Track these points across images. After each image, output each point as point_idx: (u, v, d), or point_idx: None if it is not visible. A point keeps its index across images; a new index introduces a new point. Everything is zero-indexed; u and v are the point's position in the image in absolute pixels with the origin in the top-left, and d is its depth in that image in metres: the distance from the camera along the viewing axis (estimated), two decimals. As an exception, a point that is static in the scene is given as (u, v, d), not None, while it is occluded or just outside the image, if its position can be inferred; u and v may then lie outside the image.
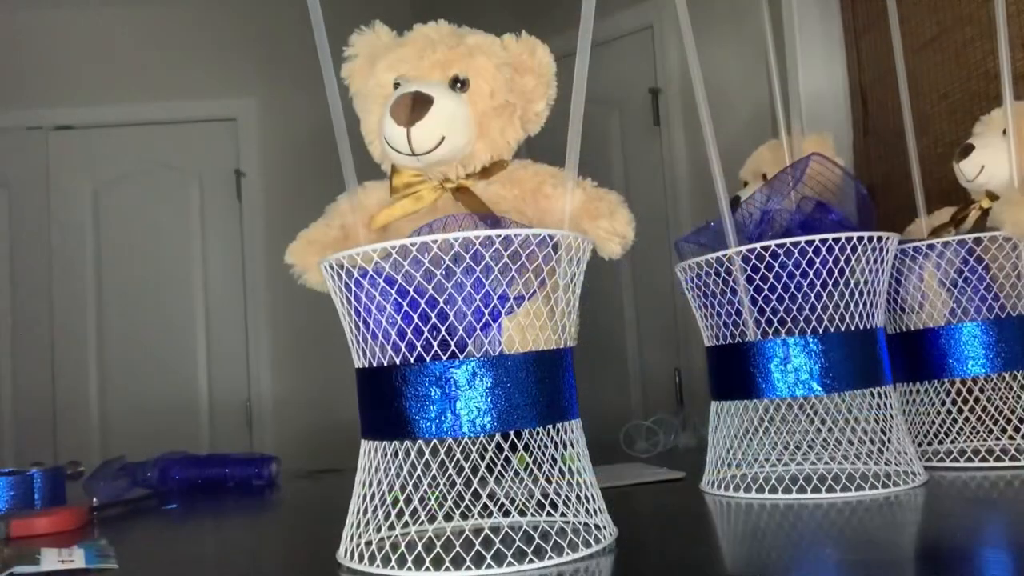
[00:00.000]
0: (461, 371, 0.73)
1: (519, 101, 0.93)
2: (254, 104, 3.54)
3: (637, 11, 2.94)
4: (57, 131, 3.49)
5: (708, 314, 1.06)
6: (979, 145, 1.20)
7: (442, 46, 0.90)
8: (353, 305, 0.79)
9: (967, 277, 1.11)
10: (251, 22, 3.44)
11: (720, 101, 2.27)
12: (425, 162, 0.88)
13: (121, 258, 3.45)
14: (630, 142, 3.05)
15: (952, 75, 1.78)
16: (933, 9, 1.83)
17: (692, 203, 2.83)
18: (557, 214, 0.87)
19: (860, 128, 2.19)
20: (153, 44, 3.47)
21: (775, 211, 1.11)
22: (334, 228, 0.93)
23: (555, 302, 0.80)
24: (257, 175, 3.53)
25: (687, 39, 1.05)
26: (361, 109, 0.96)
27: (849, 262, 0.98)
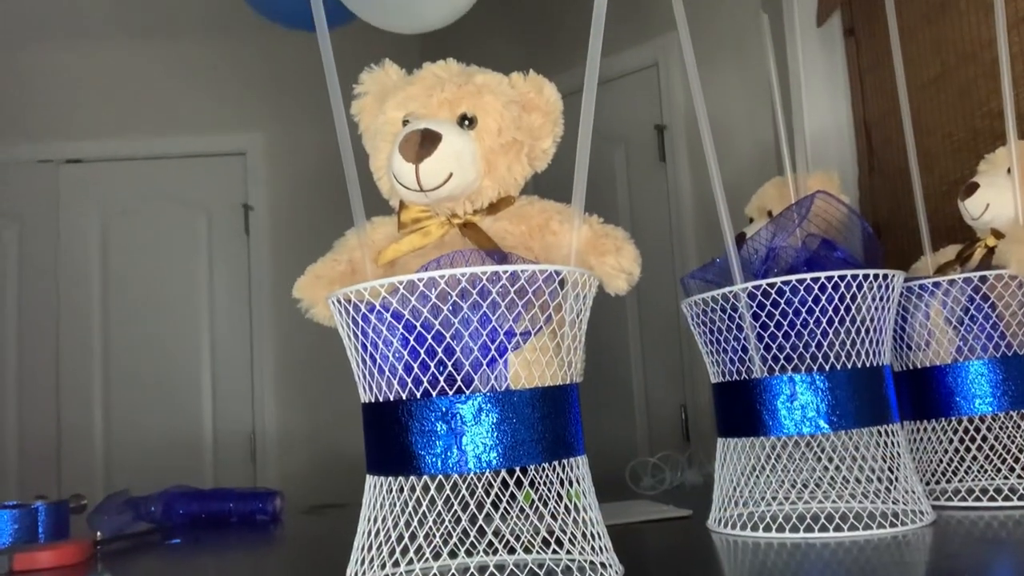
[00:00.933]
0: (467, 406, 0.74)
1: (526, 138, 0.94)
2: (263, 139, 3.57)
3: (642, 49, 2.97)
4: (67, 164, 3.52)
5: (714, 350, 1.06)
6: (984, 183, 1.20)
7: (450, 84, 0.92)
8: (360, 340, 0.79)
9: (973, 315, 1.11)
10: (260, 57, 3.47)
11: (725, 138, 2.29)
12: (433, 198, 0.89)
13: (128, 291, 3.47)
14: (636, 178, 3.06)
15: (956, 113, 1.79)
16: (937, 48, 1.84)
17: (698, 239, 2.83)
18: (563, 250, 0.88)
19: (865, 165, 2.20)
20: (163, 79, 3.51)
21: (781, 248, 1.12)
22: (342, 263, 0.94)
23: (561, 338, 0.81)
24: (265, 209, 3.55)
25: (692, 77, 1.06)
26: (370, 146, 0.97)
27: (855, 299, 0.98)
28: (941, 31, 1.82)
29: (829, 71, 2.25)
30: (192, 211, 3.56)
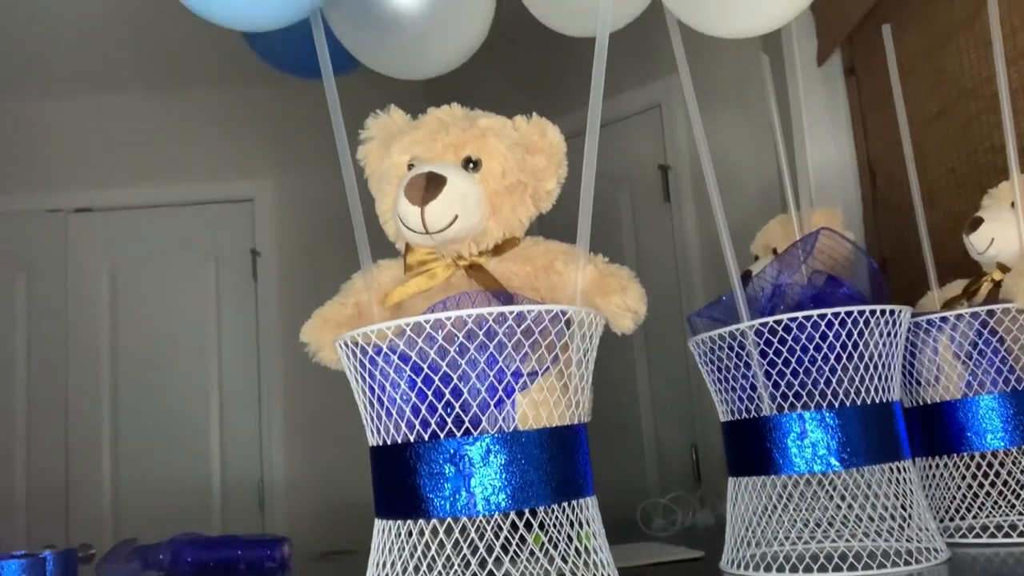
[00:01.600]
0: (475, 448, 0.73)
1: (530, 180, 0.94)
2: (270, 185, 3.60)
3: (645, 91, 3.00)
4: (76, 213, 3.55)
5: (723, 388, 1.06)
6: (988, 218, 1.21)
7: (455, 128, 0.93)
8: (367, 382, 0.79)
9: (982, 349, 1.11)
10: (268, 105, 3.51)
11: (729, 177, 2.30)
12: (439, 240, 0.89)
13: (136, 339, 3.47)
14: (641, 218, 3.07)
15: (959, 149, 1.80)
16: (937, 84, 1.86)
17: (704, 278, 2.83)
18: (569, 290, 0.88)
19: (869, 202, 2.20)
20: (171, 127, 3.54)
21: (787, 285, 1.12)
22: (349, 306, 0.94)
23: (568, 378, 0.81)
24: (273, 255, 3.57)
25: (694, 118, 1.07)
26: (376, 190, 0.98)
27: (863, 335, 0.98)
28: (941, 67, 1.84)
29: (831, 109, 2.26)
30: (200, 257, 3.58)
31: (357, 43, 1.22)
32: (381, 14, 1.15)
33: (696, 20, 1.15)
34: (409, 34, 1.17)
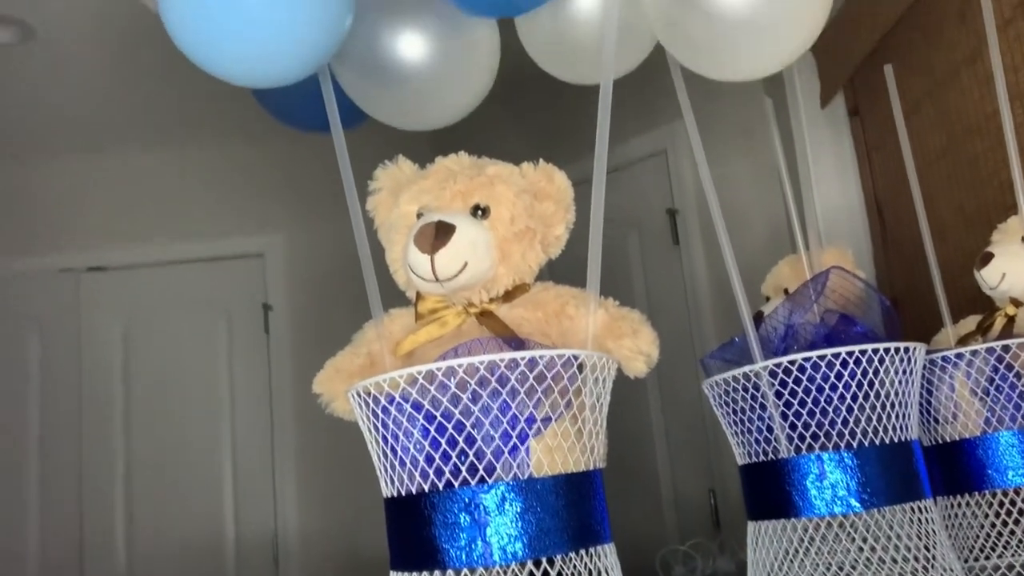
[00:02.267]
0: (490, 496, 0.73)
1: (539, 226, 0.95)
2: (281, 239, 3.62)
3: (651, 136, 3.02)
4: (89, 272, 3.57)
5: (739, 431, 1.05)
6: (998, 253, 1.20)
7: (463, 176, 0.93)
8: (381, 432, 0.79)
9: (999, 385, 1.10)
10: (277, 159, 3.55)
11: (738, 219, 2.30)
12: (449, 288, 0.90)
13: (149, 395, 3.47)
14: (650, 262, 3.07)
15: (966, 186, 1.80)
16: (942, 123, 1.87)
17: (716, 320, 2.82)
18: (580, 334, 0.88)
19: (879, 241, 2.20)
20: (182, 184, 3.58)
21: (799, 325, 1.11)
22: (361, 356, 0.94)
23: (582, 423, 0.80)
24: (284, 308, 3.58)
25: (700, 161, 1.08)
26: (386, 239, 0.98)
27: (878, 374, 0.98)
28: (945, 106, 1.85)
29: (836, 150, 2.27)
30: (212, 313, 3.59)
31: (364, 97, 1.23)
32: (388, 68, 1.16)
33: (698, 65, 1.17)
34: (415, 87, 1.19)
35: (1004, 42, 1.55)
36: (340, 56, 1.13)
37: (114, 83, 2.81)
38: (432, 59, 1.16)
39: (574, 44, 1.18)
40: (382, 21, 1.15)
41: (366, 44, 1.15)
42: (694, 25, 1.10)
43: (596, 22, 1.12)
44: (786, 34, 1.09)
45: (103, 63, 2.63)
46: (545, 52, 1.26)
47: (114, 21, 2.30)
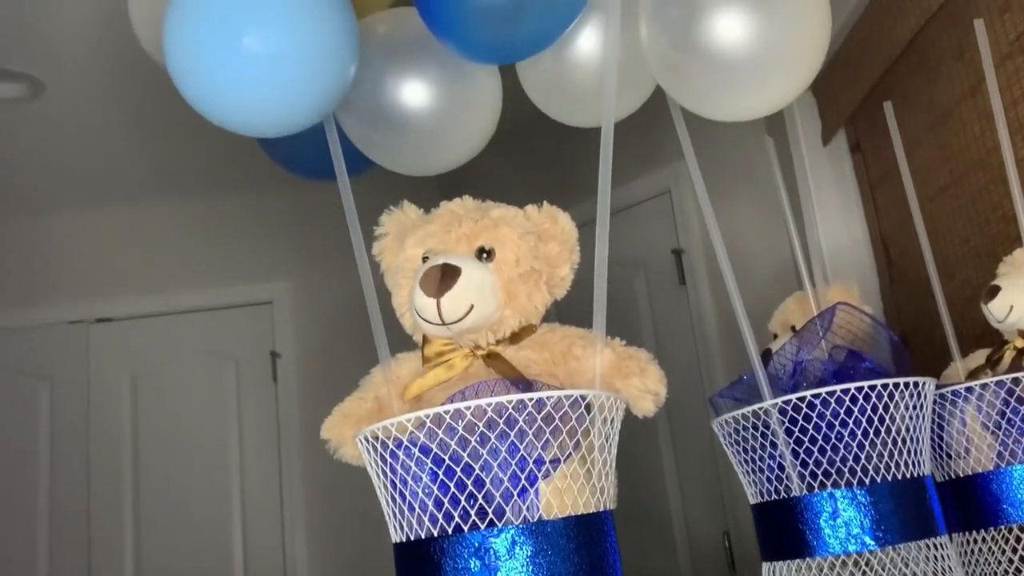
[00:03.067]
0: (500, 540, 0.72)
1: (544, 267, 0.95)
2: (289, 287, 3.63)
3: (654, 177, 3.04)
4: (97, 324, 3.59)
5: (750, 470, 1.04)
6: (1005, 285, 1.20)
7: (467, 220, 0.94)
8: (389, 477, 0.78)
9: (1010, 418, 1.09)
10: (284, 208, 3.57)
11: (743, 257, 2.31)
12: (455, 331, 0.90)
13: (158, 445, 3.46)
14: (657, 302, 3.07)
15: (971, 220, 1.80)
16: (944, 158, 1.87)
17: (724, 358, 2.81)
18: (588, 374, 0.88)
19: (886, 277, 2.20)
20: (189, 234, 3.60)
21: (807, 361, 1.11)
22: (368, 400, 0.94)
23: (591, 463, 0.80)
24: (292, 355, 3.58)
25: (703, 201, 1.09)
26: (392, 284, 0.99)
27: (888, 409, 0.97)
28: (946, 141, 1.86)
29: (839, 187, 2.28)
30: (220, 361, 3.59)
31: (369, 144, 1.25)
32: (392, 115, 1.18)
33: (697, 106, 1.18)
34: (419, 133, 1.20)
35: (1003, 77, 1.56)
36: (345, 104, 1.14)
37: (122, 136, 2.84)
38: (435, 106, 1.18)
39: (575, 88, 1.20)
40: (385, 69, 1.17)
41: (370, 92, 1.16)
42: (692, 68, 1.11)
43: (596, 66, 1.13)
44: (784, 75, 1.10)
45: (112, 117, 2.67)
46: (547, 96, 1.28)
47: (123, 76, 2.33)
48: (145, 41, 1.17)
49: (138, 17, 1.16)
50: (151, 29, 1.11)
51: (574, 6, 1.08)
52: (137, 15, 1.16)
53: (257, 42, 0.90)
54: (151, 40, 1.14)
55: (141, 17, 1.16)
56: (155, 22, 0.99)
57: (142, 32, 1.17)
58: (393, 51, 1.18)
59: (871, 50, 2.01)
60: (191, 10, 0.91)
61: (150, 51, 1.16)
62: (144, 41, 1.18)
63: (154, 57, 1.14)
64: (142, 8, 1.15)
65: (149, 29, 1.13)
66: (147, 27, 1.14)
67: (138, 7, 1.15)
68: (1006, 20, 1.59)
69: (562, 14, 1.08)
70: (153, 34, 1.09)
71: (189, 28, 0.91)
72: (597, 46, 1.14)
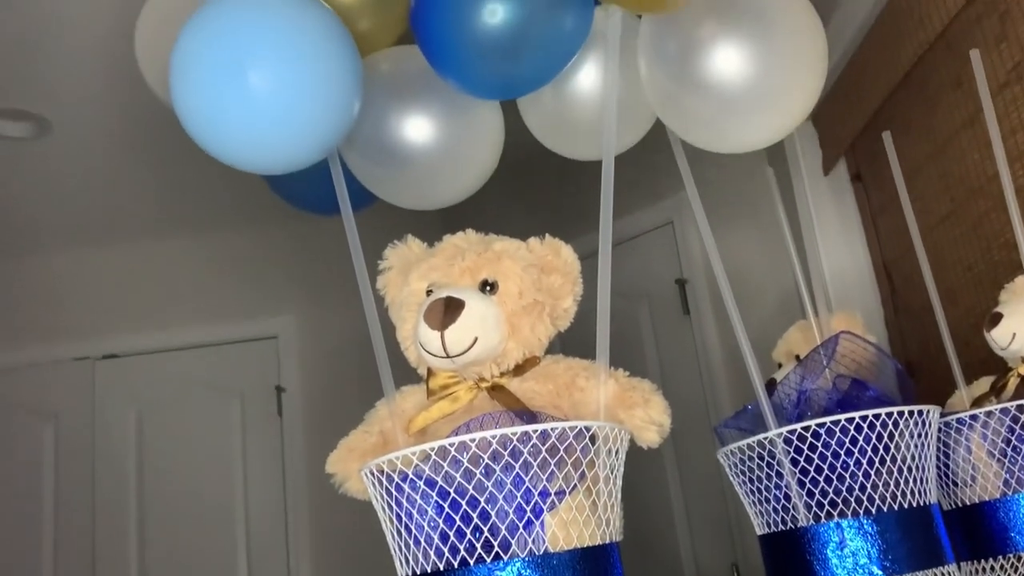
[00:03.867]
0: (506, 573, 0.72)
1: (547, 299, 0.96)
2: (294, 321, 3.64)
3: (657, 208, 3.05)
4: (103, 360, 3.59)
5: (756, 500, 1.04)
6: (1007, 313, 1.20)
7: (471, 253, 0.95)
8: (395, 510, 0.78)
9: (1016, 446, 1.09)
10: (289, 243, 3.58)
11: (746, 287, 2.30)
12: (460, 363, 0.90)
13: (163, 482, 3.45)
14: (661, 332, 3.07)
15: (973, 247, 1.81)
16: (945, 186, 1.88)
17: (730, 388, 2.81)
18: (592, 406, 0.88)
19: (889, 305, 2.20)
20: (194, 270, 3.61)
21: (812, 391, 1.11)
22: (373, 434, 0.94)
23: (597, 495, 0.80)
24: (298, 390, 3.58)
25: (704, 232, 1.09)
26: (396, 317, 0.99)
27: (893, 438, 0.97)
28: (946, 169, 1.87)
29: (841, 215, 2.29)
30: (225, 396, 3.59)
31: (373, 179, 1.26)
32: (395, 150, 1.19)
33: (697, 139, 1.19)
34: (422, 168, 1.22)
35: (1000, 106, 1.58)
36: (348, 140, 1.15)
37: (128, 173, 2.86)
38: (438, 141, 1.19)
39: (576, 122, 1.21)
40: (389, 105, 1.18)
41: (374, 128, 1.18)
42: (691, 102, 1.12)
43: (596, 100, 1.15)
44: (782, 107, 1.11)
45: (116, 154, 2.69)
46: (548, 131, 1.29)
47: (127, 114, 2.36)
48: (151, 80, 1.19)
49: (144, 57, 1.18)
50: (157, 69, 1.13)
51: (574, 42, 1.10)
52: (143, 55, 1.18)
53: (263, 80, 0.92)
54: (157, 80, 1.15)
55: (147, 57, 1.17)
56: (161, 62, 1.01)
57: (148, 72, 1.18)
58: (396, 88, 1.19)
59: (870, 80, 2.03)
60: (197, 49, 0.93)
61: (156, 90, 1.18)
62: (150, 80, 1.19)
63: (160, 96, 1.16)
64: (148, 48, 1.17)
65: (155, 69, 1.15)
66: (153, 67, 1.16)
67: (144, 47, 1.17)
68: (1002, 50, 1.60)
69: (562, 50, 1.10)
70: (159, 73, 1.10)
71: (196, 67, 0.93)
72: (597, 81, 1.15)
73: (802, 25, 1.08)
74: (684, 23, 1.08)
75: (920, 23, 1.78)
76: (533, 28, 1.02)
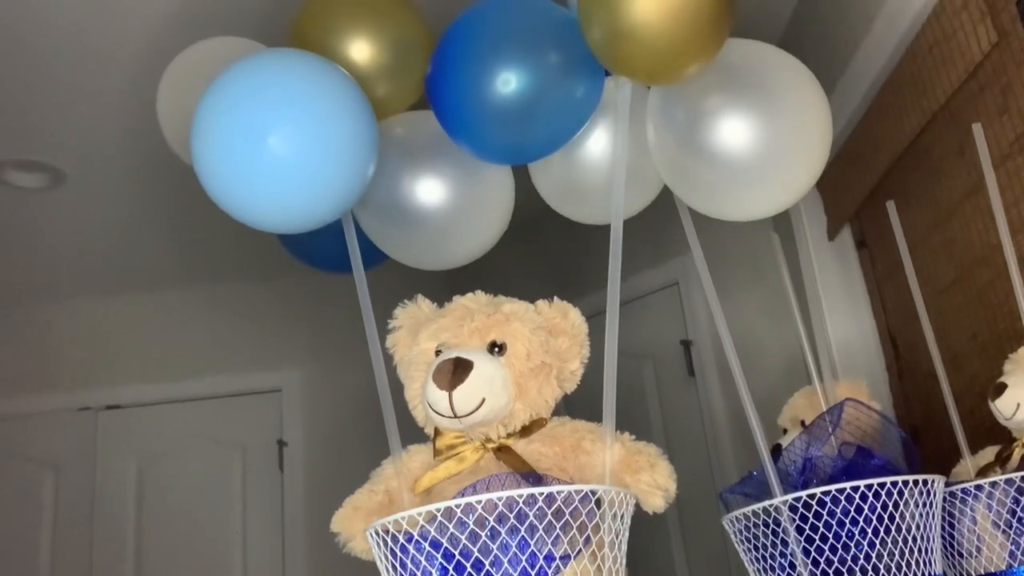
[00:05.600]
0: (510, 637, 0.72)
1: (554, 361, 0.97)
2: (299, 375, 3.63)
3: (663, 269, 3.06)
4: (106, 411, 3.58)
5: (761, 568, 1.03)
6: (1011, 383, 1.21)
7: (480, 314, 0.96)
8: (399, 571, 0.78)
9: (1021, 517, 1.08)
10: (297, 296, 3.60)
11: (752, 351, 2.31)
12: (467, 424, 0.91)
13: (162, 533, 3.42)
14: (666, 393, 3.06)
15: (978, 315, 1.82)
16: (949, 255, 1.89)
17: (735, 452, 2.79)
18: (598, 469, 0.88)
19: (895, 371, 2.20)
20: (199, 322, 3.62)
21: (817, 458, 1.11)
22: (379, 493, 0.94)
23: (602, 560, 0.80)
24: (300, 445, 3.56)
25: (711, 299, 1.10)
26: (405, 376, 1.00)
27: (898, 507, 0.97)
28: (951, 238, 1.88)
29: (846, 282, 2.30)
30: (227, 449, 3.57)
31: (385, 239, 1.28)
32: (408, 212, 1.21)
33: (704, 207, 1.21)
34: (434, 230, 1.24)
35: (1003, 176, 1.59)
36: (362, 201, 1.18)
37: (137, 224, 2.89)
38: (450, 203, 1.21)
39: (585, 188, 1.23)
40: (402, 168, 1.21)
41: (387, 190, 1.20)
42: (699, 171, 1.15)
43: (606, 167, 1.17)
44: (785, 179, 1.14)
45: (125, 208, 2.72)
46: (557, 195, 1.31)
47: (140, 166, 2.39)
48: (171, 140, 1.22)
49: (167, 117, 1.21)
50: (178, 129, 1.16)
51: (584, 111, 1.12)
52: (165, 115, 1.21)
53: (282, 144, 0.94)
54: (177, 139, 1.18)
55: (169, 117, 1.20)
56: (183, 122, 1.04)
57: (169, 131, 1.21)
58: (410, 151, 1.22)
59: (874, 149, 2.05)
60: (219, 113, 0.95)
61: (176, 149, 1.20)
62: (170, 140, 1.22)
63: (180, 155, 1.19)
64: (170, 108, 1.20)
65: (176, 129, 1.18)
66: (174, 127, 1.19)
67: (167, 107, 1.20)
68: (1004, 122, 1.63)
69: (573, 119, 1.12)
70: (180, 133, 1.13)
71: (217, 130, 0.95)
72: (606, 148, 1.18)
73: (807, 100, 1.11)
74: (692, 94, 1.11)
75: (923, 94, 1.81)
76: (545, 98, 1.05)
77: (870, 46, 1.93)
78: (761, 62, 1.13)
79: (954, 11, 1.63)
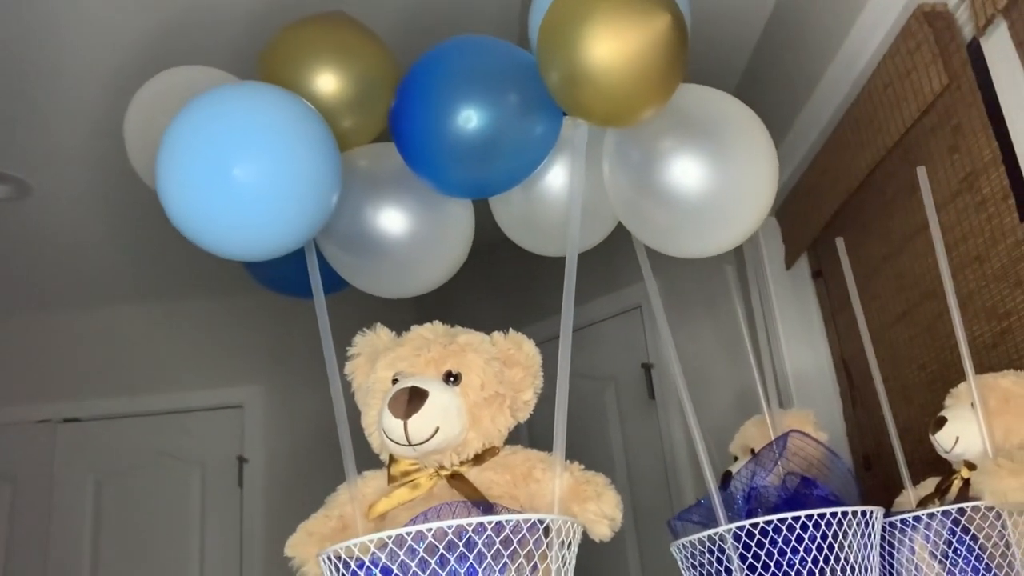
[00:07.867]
0: (456, 663, 0.74)
1: (508, 391, 0.99)
2: (260, 391, 3.62)
3: (626, 292, 3.09)
4: (64, 424, 3.55)
5: (707, 594, 1.06)
6: (951, 417, 1.24)
7: (436, 345, 0.99)
8: (350, 597, 0.80)
9: (956, 548, 1.12)
10: (259, 314, 3.58)
11: (708, 378, 2.34)
12: (421, 451, 0.93)
13: (118, 547, 3.39)
14: (627, 416, 3.09)
15: (927, 347, 1.86)
16: (900, 287, 1.94)
17: (692, 473, 2.81)
18: (547, 497, 0.91)
19: (848, 400, 2.24)
20: (161, 337, 3.59)
21: (762, 487, 1.14)
22: (333, 519, 0.96)
23: (548, 587, 0.82)
24: (260, 461, 3.54)
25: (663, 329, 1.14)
26: (362, 403, 1.02)
27: (838, 537, 1.00)
28: (902, 270, 1.93)
29: (802, 310, 2.34)
30: (186, 464, 3.55)
31: (347, 267, 1.30)
32: (369, 242, 1.24)
33: (656, 243, 1.25)
34: (395, 260, 1.26)
35: (953, 213, 1.64)
36: (325, 230, 1.20)
37: (100, 238, 2.88)
38: (411, 234, 1.24)
39: (543, 221, 1.27)
40: (365, 199, 1.23)
41: (350, 220, 1.22)
42: (650, 208, 1.18)
43: (563, 201, 1.20)
44: (733, 219, 1.18)
45: (88, 221, 2.71)
46: (516, 228, 1.35)
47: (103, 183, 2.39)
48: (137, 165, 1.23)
49: (133, 143, 1.22)
50: (144, 155, 1.17)
51: (543, 149, 1.16)
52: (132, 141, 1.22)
53: (246, 174, 0.97)
54: (143, 165, 1.20)
55: (135, 143, 1.22)
56: (148, 149, 1.05)
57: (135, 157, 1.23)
58: (373, 183, 1.25)
59: (831, 182, 2.10)
60: (184, 143, 0.97)
61: (141, 174, 1.22)
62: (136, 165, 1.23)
63: (145, 180, 1.20)
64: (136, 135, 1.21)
65: (141, 155, 1.19)
66: (140, 153, 1.20)
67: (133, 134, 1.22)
68: (955, 160, 1.68)
69: (531, 156, 1.16)
70: (145, 159, 1.15)
71: (182, 160, 0.97)
72: (564, 184, 1.21)
73: (755, 145, 1.15)
74: (647, 136, 1.15)
75: (878, 130, 1.86)
76: (505, 135, 1.08)
77: (828, 82, 1.99)
78: (714, 108, 1.18)
79: (908, 52, 1.69)
